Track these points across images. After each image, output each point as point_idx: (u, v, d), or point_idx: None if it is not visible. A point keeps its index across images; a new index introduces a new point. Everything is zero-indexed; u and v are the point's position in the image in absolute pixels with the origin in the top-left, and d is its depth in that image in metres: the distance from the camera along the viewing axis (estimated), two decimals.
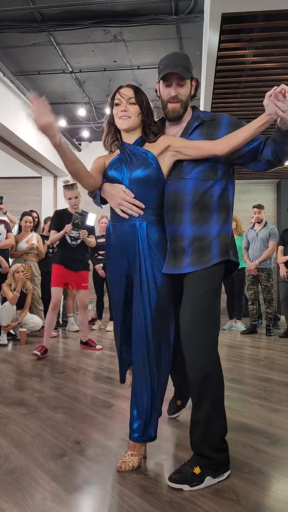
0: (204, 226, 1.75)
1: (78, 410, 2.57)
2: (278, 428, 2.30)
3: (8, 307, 4.90)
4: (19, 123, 6.58)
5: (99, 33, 5.28)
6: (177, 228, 1.77)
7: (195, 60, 5.78)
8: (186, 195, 1.75)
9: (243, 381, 3.30)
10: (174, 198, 1.77)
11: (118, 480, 1.72)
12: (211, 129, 1.79)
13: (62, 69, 6.23)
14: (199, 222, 1.75)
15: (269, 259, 5.90)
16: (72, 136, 8.60)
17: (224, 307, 7.12)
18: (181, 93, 1.81)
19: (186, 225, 1.75)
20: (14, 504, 1.55)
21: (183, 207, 1.75)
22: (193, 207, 1.75)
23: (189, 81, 1.84)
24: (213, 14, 3.34)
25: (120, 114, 1.78)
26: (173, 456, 1.95)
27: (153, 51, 5.70)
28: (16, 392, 2.96)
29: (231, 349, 4.73)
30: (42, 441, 2.11)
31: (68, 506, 1.55)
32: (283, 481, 1.74)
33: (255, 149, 1.73)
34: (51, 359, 4.13)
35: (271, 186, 8.92)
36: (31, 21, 5.08)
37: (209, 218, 1.76)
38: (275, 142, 1.68)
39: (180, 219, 1.76)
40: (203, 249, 1.73)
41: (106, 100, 7.01)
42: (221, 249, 1.76)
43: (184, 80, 1.80)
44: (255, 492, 1.64)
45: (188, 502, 1.56)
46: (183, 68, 1.79)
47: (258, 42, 3.77)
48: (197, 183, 1.74)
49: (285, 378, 3.41)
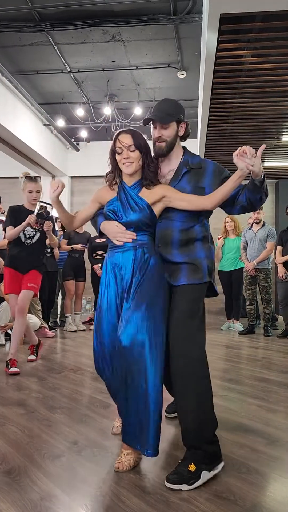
0: (192, 255, 2.04)
1: (76, 410, 2.57)
2: (276, 429, 2.31)
3: (6, 307, 4.89)
4: (17, 122, 6.57)
5: (97, 33, 5.28)
6: (171, 258, 2.03)
7: (194, 61, 5.80)
8: (174, 232, 2.04)
9: (240, 382, 3.30)
10: (164, 234, 2.06)
11: (115, 480, 1.72)
12: (197, 176, 2.07)
13: (60, 69, 6.22)
14: (186, 252, 2.03)
15: (267, 260, 5.91)
16: (70, 136, 8.59)
17: (222, 307, 7.14)
18: (164, 134, 2.06)
19: (177, 255, 2.03)
20: (11, 504, 1.55)
21: (172, 242, 2.05)
22: (180, 242, 2.04)
23: (174, 124, 2.07)
24: (212, 15, 3.34)
25: (123, 161, 1.99)
26: (171, 456, 1.95)
27: (151, 51, 5.71)
28: (14, 392, 2.95)
29: (229, 350, 4.73)
30: (40, 441, 2.11)
31: (66, 506, 1.55)
32: (280, 481, 1.74)
33: (233, 196, 2.02)
34: (49, 359, 4.12)
35: (269, 186, 8.88)
36: (30, 20, 5.07)
37: (194, 249, 2.06)
38: (249, 191, 1.97)
39: (171, 252, 2.04)
40: (197, 266, 2.01)
41: (104, 100, 7.08)
42: (209, 270, 2.05)
43: (167, 123, 2.05)
44: (253, 492, 1.64)
45: (186, 502, 1.56)
46: (165, 114, 2.06)
47: (257, 42, 3.77)
48: (182, 224, 2.04)
49: (283, 378, 3.41)
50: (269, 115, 5.24)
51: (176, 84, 6.60)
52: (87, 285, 6.48)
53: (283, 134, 5.87)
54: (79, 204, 9.03)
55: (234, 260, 6.28)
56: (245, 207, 2.04)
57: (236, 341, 5.36)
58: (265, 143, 6.60)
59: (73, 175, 9.21)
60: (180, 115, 2.10)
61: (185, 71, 6.17)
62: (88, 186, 9.06)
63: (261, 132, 5.82)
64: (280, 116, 5.28)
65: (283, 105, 4.95)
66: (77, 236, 6.29)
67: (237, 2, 3.22)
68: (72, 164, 9.12)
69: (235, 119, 5.36)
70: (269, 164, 7.27)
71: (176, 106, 2.12)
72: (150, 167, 2.02)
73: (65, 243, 6.17)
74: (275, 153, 6.69)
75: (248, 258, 5.95)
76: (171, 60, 5.96)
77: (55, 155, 8.39)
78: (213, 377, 3.42)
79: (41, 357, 4.22)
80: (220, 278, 6.42)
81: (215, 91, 4.63)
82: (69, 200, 9.24)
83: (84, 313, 7.77)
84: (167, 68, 6.13)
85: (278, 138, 6.03)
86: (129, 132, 2.00)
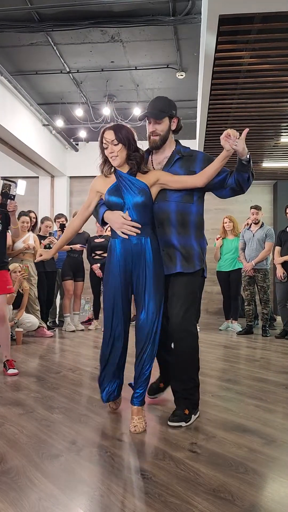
0: (187, 238, 2.29)
1: (74, 410, 2.57)
2: (274, 429, 2.31)
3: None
4: (16, 122, 6.57)
5: (96, 33, 5.28)
6: (168, 239, 2.30)
7: (193, 61, 5.81)
8: (171, 214, 2.28)
9: (239, 382, 3.31)
10: (162, 215, 2.29)
11: (114, 480, 1.72)
12: (189, 163, 2.31)
13: (59, 69, 6.22)
14: (182, 234, 2.29)
15: (265, 260, 5.92)
16: (69, 136, 8.59)
17: (220, 307, 7.16)
18: (158, 129, 2.31)
19: (174, 237, 2.28)
20: (9, 504, 1.55)
21: (169, 223, 2.28)
22: (177, 223, 2.28)
23: (167, 119, 2.32)
24: (211, 16, 3.35)
25: (110, 155, 2.23)
26: (169, 457, 1.95)
27: (150, 52, 5.71)
28: (12, 392, 2.95)
29: (227, 350, 4.74)
30: (38, 441, 2.11)
31: (64, 506, 1.55)
32: (278, 482, 1.75)
33: (223, 179, 2.27)
34: (47, 359, 4.12)
35: (268, 187, 8.95)
36: (29, 21, 5.08)
37: (189, 232, 2.31)
38: (237, 172, 2.21)
39: (169, 232, 2.29)
40: (189, 257, 2.28)
41: (103, 100, 7.08)
42: (199, 258, 2.33)
43: (161, 119, 2.29)
44: (251, 492, 1.65)
45: (184, 502, 1.57)
46: (158, 111, 2.30)
47: (255, 43, 3.78)
48: (178, 205, 2.27)
49: (281, 378, 3.42)
50: (267, 116, 5.25)
51: (175, 84, 6.61)
52: (86, 285, 6.48)
53: (282, 135, 5.88)
54: (77, 204, 9.03)
55: (232, 261, 6.29)
56: (234, 188, 2.27)
57: (235, 342, 5.37)
58: (264, 144, 6.65)
59: (72, 175, 9.21)
60: (172, 111, 2.33)
61: (184, 71, 6.18)
62: (87, 186, 8.96)
63: (259, 133, 5.83)
64: (278, 117, 5.29)
65: (282, 106, 4.96)
66: (76, 236, 6.22)
67: (236, 3, 3.23)
68: (71, 164, 9.12)
69: (233, 120, 5.37)
70: (268, 164, 7.28)
71: (168, 103, 2.34)
72: (134, 155, 2.22)
73: None
74: (274, 154, 6.70)
75: (247, 258, 5.96)
76: (170, 61, 5.97)
77: (54, 155, 8.39)
78: (212, 377, 3.44)
79: (40, 357, 4.22)
80: (218, 279, 6.43)
81: (214, 92, 4.64)
82: (68, 200, 9.24)
83: (83, 313, 7.77)
84: (166, 68, 6.14)
85: (277, 139, 6.04)
86: (111, 128, 2.21)
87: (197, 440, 2.14)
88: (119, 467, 1.84)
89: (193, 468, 1.84)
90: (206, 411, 2.57)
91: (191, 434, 2.23)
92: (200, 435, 2.20)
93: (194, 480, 1.73)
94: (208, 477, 1.75)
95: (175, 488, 1.67)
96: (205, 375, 3.45)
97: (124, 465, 1.86)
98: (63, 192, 9.18)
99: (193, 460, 1.92)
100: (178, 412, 2.30)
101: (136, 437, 2.19)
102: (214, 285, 7.09)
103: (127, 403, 2.73)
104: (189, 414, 2.32)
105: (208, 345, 5.03)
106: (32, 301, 5.49)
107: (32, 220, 5.86)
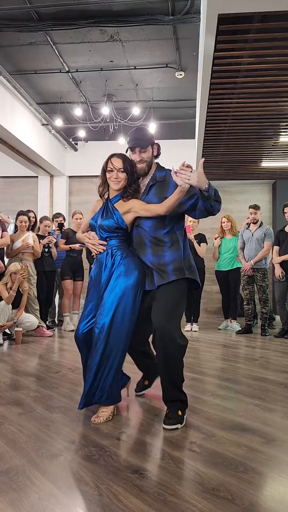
0: (160, 257, 2.46)
1: (74, 409, 2.57)
2: (273, 428, 2.32)
3: (4, 307, 4.89)
4: (15, 122, 6.57)
5: (95, 33, 5.28)
6: (145, 260, 2.49)
7: (192, 61, 5.81)
8: (145, 238, 2.50)
9: (238, 381, 3.31)
10: (138, 239, 2.52)
11: (113, 480, 1.72)
12: (162, 188, 2.49)
13: (58, 69, 6.22)
14: (156, 254, 2.47)
15: (264, 259, 5.92)
16: (68, 135, 8.59)
17: (219, 307, 7.16)
18: (144, 157, 2.52)
19: (149, 258, 2.48)
20: (9, 504, 1.55)
21: (145, 246, 2.50)
22: (152, 244, 2.48)
23: (150, 147, 2.53)
24: (210, 15, 3.35)
25: (113, 179, 2.48)
26: (169, 456, 1.96)
27: (149, 51, 5.71)
28: (12, 392, 2.95)
29: (227, 349, 4.74)
30: (38, 441, 2.11)
31: (63, 505, 1.55)
32: (278, 481, 1.75)
33: (194, 203, 2.40)
34: (46, 358, 4.12)
35: (266, 186, 8.96)
36: (28, 20, 5.07)
37: (163, 251, 2.47)
38: (201, 200, 2.33)
39: (146, 254, 2.49)
40: (163, 271, 2.43)
41: (102, 100, 7.08)
42: (175, 270, 2.43)
43: (145, 148, 2.50)
44: (250, 491, 1.65)
45: (183, 501, 1.57)
46: (143, 141, 2.51)
47: (254, 43, 3.77)
48: (150, 230, 2.48)
49: (280, 377, 3.42)
50: (266, 115, 5.25)
51: (174, 84, 6.61)
52: (85, 284, 6.44)
53: (281, 134, 5.88)
54: (76, 204, 9.03)
55: (231, 260, 6.30)
56: (203, 212, 2.40)
57: (234, 341, 5.37)
58: (263, 144, 6.65)
59: (71, 175, 9.20)
60: (152, 139, 2.57)
61: (183, 71, 6.18)
62: (86, 185, 9.06)
63: (258, 133, 5.83)
64: (277, 117, 5.29)
65: (281, 105, 4.96)
66: (75, 236, 6.28)
67: (235, 3, 3.22)
68: (70, 164, 9.12)
69: (233, 119, 5.37)
70: (267, 164, 7.28)
71: (149, 132, 2.61)
72: (132, 186, 2.50)
73: (63, 242, 6.17)
74: (273, 153, 6.70)
75: (246, 258, 5.97)
76: (169, 60, 5.97)
77: (53, 155, 8.38)
78: (211, 377, 3.44)
79: (39, 356, 4.22)
80: (217, 278, 6.43)
81: (213, 91, 4.63)
82: (67, 200, 9.23)
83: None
84: (165, 68, 6.14)
85: (276, 139, 6.04)
86: (120, 157, 2.48)
87: (197, 439, 2.15)
88: (119, 466, 1.84)
89: (193, 467, 1.84)
90: (205, 410, 2.58)
91: (191, 433, 2.23)
92: (200, 434, 2.21)
93: (193, 479, 1.73)
94: (208, 476, 1.75)
95: (174, 487, 1.67)
96: (205, 374, 3.45)
97: (123, 465, 1.86)
98: (62, 191, 9.18)
99: (192, 459, 1.92)
100: (172, 415, 2.34)
101: (135, 437, 2.20)
102: (213, 284, 7.09)
103: (125, 403, 2.73)
104: (182, 414, 2.37)
105: (207, 344, 5.04)
106: (31, 300, 5.49)
107: (31, 219, 5.86)
